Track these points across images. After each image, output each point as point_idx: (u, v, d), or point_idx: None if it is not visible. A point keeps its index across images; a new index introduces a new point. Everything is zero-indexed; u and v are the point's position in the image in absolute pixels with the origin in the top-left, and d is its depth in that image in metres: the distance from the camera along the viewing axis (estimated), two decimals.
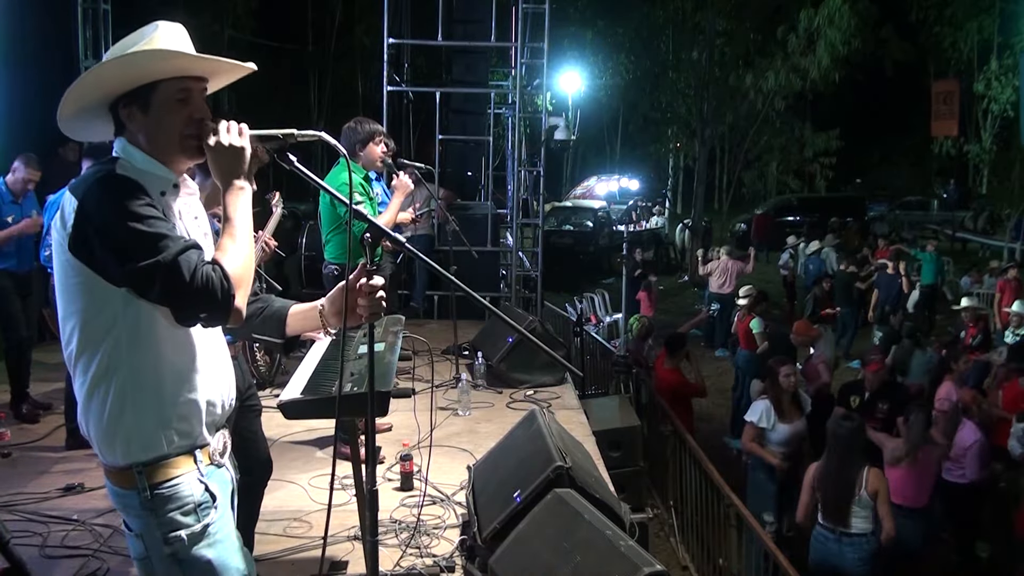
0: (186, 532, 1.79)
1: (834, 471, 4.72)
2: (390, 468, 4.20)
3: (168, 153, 1.84)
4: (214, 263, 1.71)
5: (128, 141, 1.83)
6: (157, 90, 1.80)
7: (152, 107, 1.81)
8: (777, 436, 5.75)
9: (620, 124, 29.20)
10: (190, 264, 1.67)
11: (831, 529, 4.71)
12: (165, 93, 1.81)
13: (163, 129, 1.82)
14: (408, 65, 10.28)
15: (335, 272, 4.71)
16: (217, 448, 1.91)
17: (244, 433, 3.03)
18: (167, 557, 1.80)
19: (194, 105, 1.84)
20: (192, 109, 1.84)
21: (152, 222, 1.69)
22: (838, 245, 14.97)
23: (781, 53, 17.71)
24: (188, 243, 1.72)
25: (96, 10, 7.70)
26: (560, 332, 9.17)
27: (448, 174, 9.58)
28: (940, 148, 22.28)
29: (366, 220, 2.06)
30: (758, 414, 5.82)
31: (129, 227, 1.66)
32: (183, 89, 1.82)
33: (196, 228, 1.93)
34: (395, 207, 4.70)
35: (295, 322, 2.18)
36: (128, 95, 1.80)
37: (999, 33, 20.40)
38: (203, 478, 1.84)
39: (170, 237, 1.69)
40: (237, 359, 2.96)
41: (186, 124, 1.83)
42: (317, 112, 23.90)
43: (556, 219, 19.13)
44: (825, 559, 4.74)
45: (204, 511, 1.83)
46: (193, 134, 1.83)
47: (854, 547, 4.64)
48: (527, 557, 2.75)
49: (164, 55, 1.79)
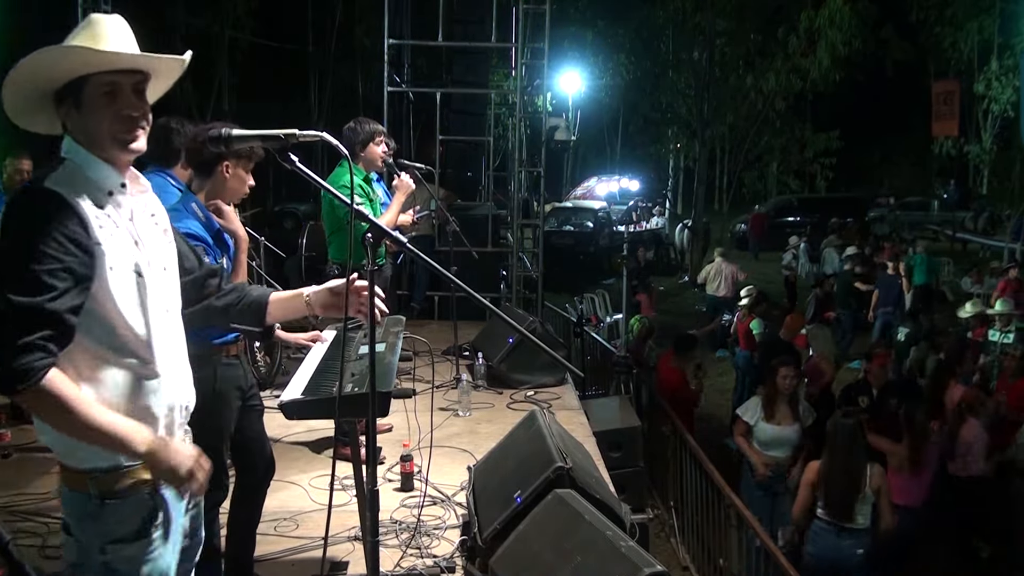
0: (125, 545, 1.75)
1: (839, 469, 4.74)
2: (390, 468, 4.20)
3: (106, 151, 1.77)
4: (50, 360, 1.61)
5: (73, 139, 1.77)
6: (87, 85, 1.73)
7: (83, 103, 1.74)
8: (761, 435, 5.71)
9: (620, 124, 29.17)
10: (32, 331, 1.58)
11: (830, 523, 4.75)
12: (93, 88, 1.73)
13: (94, 126, 1.75)
14: (409, 66, 10.27)
15: (336, 272, 4.71)
16: None
17: (247, 432, 3.02)
18: (100, 566, 1.75)
19: (123, 101, 1.76)
20: (120, 105, 1.76)
21: (48, 263, 1.61)
22: (841, 246, 15.00)
23: (781, 53, 17.73)
24: (56, 316, 1.62)
25: (96, 10, 7.72)
26: (560, 332, 9.16)
27: (448, 175, 9.58)
28: (940, 148, 22.31)
29: (368, 220, 2.06)
30: (746, 408, 5.85)
31: (20, 260, 1.60)
32: (110, 83, 1.74)
33: (153, 227, 1.89)
34: (396, 207, 4.70)
35: (277, 309, 2.16)
36: (62, 90, 1.74)
37: (999, 33, 20.42)
38: (158, 491, 1.80)
39: (52, 295, 1.61)
40: (239, 359, 2.97)
41: (114, 121, 1.75)
42: (317, 113, 23.86)
43: (557, 219, 19.13)
44: (823, 551, 4.80)
45: (148, 526, 1.79)
46: (123, 132, 1.76)
47: (853, 540, 4.70)
48: (527, 558, 2.75)
49: (65, 52, 1.71)
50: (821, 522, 4.82)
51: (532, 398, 5.54)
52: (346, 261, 4.67)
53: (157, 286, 1.84)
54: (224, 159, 2.83)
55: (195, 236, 2.77)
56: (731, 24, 18.42)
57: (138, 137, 1.79)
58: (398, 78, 9.28)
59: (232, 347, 2.92)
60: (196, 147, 2.89)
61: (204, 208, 2.84)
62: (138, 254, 1.80)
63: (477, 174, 10.96)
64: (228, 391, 2.88)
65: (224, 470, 2.96)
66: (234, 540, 3.06)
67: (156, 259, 1.86)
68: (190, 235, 2.76)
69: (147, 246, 1.84)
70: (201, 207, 2.84)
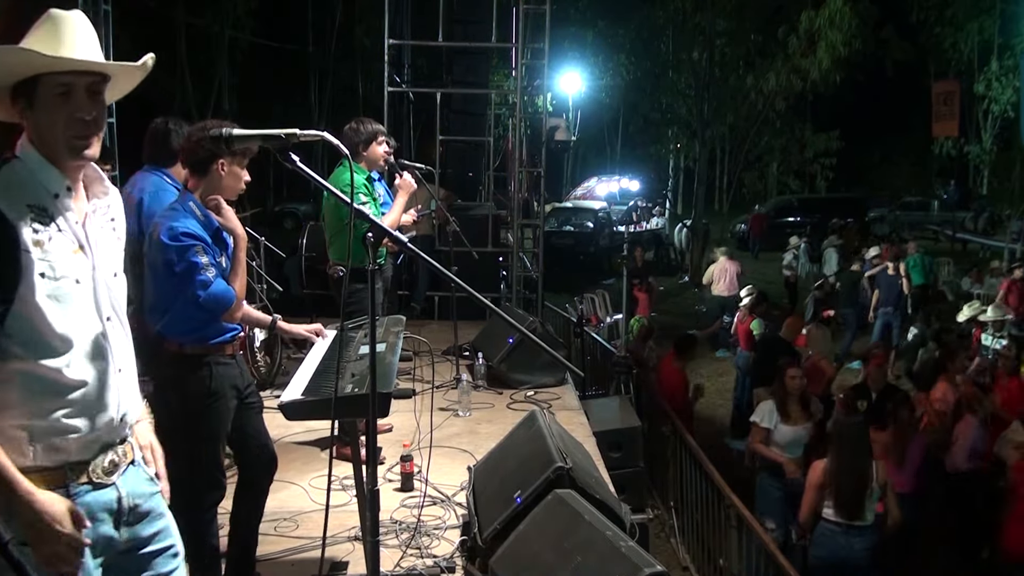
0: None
1: (847, 467, 4.74)
2: (390, 468, 4.20)
3: (56, 153, 1.73)
4: None
5: (27, 139, 1.73)
6: (39, 85, 1.69)
7: (36, 103, 1.70)
8: (780, 438, 5.71)
9: (620, 125, 29.21)
10: None
11: (838, 523, 4.74)
12: (45, 88, 1.69)
13: (46, 127, 1.71)
14: (409, 66, 10.27)
15: (339, 273, 4.70)
16: (100, 465, 1.80)
17: (246, 430, 3.03)
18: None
19: (76, 103, 1.71)
20: (73, 107, 1.71)
21: None
22: (841, 246, 15.01)
23: (782, 54, 17.72)
24: None
25: (96, 10, 7.70)
26: (560, 333, 9.16)
27: (449, 175, 9.58)
28: (940, 149, 22.33)
29: (369, 220, 2.06)
30: (762, 414, 5.82)
31: None
32: (63, 84, 1.69)
33: (109, 232, 1.86)
34: (399, 207, 4.68)
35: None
36: (16, 88, 1.71)
37: (999, 34, 20.43)
38: (71, 499, 1.73)
39: None
40: (235, 358, 2.97)
41: (67, 125, 1.70)
42: (318, 113, 23.88)
43: (557, 220, 19.16)
44: (833, 553, 4.76)
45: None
46: (77, 136, 1.71)
47: (862, 538, 4.69)
48: (527, 558, 2.75)
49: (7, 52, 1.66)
50: (829, 524, 4.78)
51: (532, 398, 5.54)
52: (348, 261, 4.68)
53: (103, 292, 1.81)
54: (219, 157, 2.83)
55: (193, 235, 2.77)
56: (731, 24, 18.42)
57: (91, 144, 1.74)
58: (398, 78, 9.29)
59: (228, 346, 2.93)
60: (191, 146, 2.89)
61: (202, 207, 2.85)
62: (82, 260, 1.76)
63: (477, 174, 10.96)
64: (224, 390, 2.88)
65: (221, 469, 2.96)
66: (235, 539, 3.06)
67: (106, 264, 1.83)
68: (188, 234, 2.77)
69: (96, 251, 1.80)
70: (199, 206, 2.85)
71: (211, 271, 2.78)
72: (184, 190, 2.95)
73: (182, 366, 2.86)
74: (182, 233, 2.75)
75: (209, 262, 2.78)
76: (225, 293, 2.81)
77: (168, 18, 17.56)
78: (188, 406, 2.85)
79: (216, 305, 2.80)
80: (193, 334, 2.85)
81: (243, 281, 2.94)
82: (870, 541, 4.71)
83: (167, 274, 2.79)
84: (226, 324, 2.90)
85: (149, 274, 2.89)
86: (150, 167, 3.65)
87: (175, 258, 2.75)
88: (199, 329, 2.85)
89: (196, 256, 2.75)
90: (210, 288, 2.76)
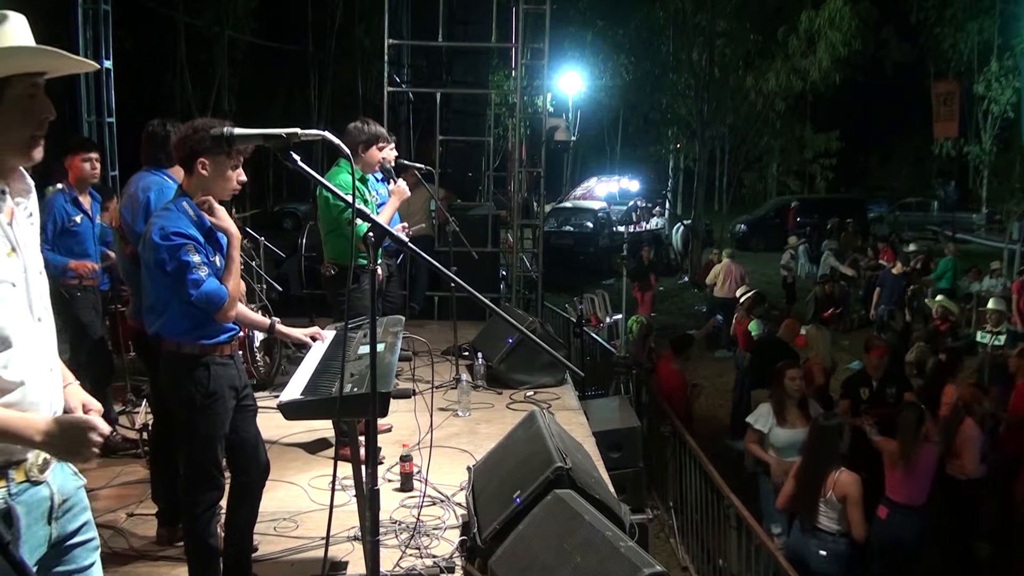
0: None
1: (805, 467, 4.83)
2: (390, 469, 4.20)
3: (3, 153, 1.73)
4: None
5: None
6: (8, 86, 1.69)
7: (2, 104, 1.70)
8: (776, 440, 5.68)
9: (620, 125, 29.20)
10: None
11: (802, 525, 4.85)
12: (16, 89, 1.70)
13: (9, 128, 1.71)
14: (408, 66, 10.27)
15: (332, 272, 4.71)
16: (35, 463, 1.78)
17: (241, 433, 3.02)
18: None
19: (42, 104, 1.74)
20: (41, 108, 1.73)
21: None
22: (837, 248, 15.04)
23: (781, 54, 17.73)
24: None
25: (96, 10, 7.70)
26: (560, 333, 9.17)
27: (448, 175, 9.58)
28: (940, 149, 22.29)
29: (369, 219, 2.06)
30: (757, 416, 5.81)
31: None
32: (34, 85, 1.71)
33: (29, 228, 1.84)
34: (389, 211, 4.70)
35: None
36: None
37: (999, 34, 20.40)
38: (9, 499, 1.72)
39: None
40: (232, 358, 2.97)
41: (38, 126, 1.73)
42: (318, 113, 23.85)
43: (556, 220, 19.16)
44: (796, 547, 4.89)
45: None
46: (37, 138, 1.74)
47: (820, 542, 4.75)
48: (527, 558, 2.75)
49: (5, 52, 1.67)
50: (797, 519, 4.94)
51: (532, 398, 5.54)
52: (341, 260, 4.68)
53: (34, 293, 1.80)
54: (199, 155, 2.81)
55: (184, 234, 2.76)
56: (731, 24, 18.43)
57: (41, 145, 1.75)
58: (398, 78, 9.29)
59: (226, 347, 2.92)
60: (176, 144, 2.89)
61: (196, 207, 2.84)
62: (15, 262, 1.76)
63: (477, 174, 10.96)
64: (222, 390, 2.88)
65: (219, 469, 2.95)
66: (232, 540, 3.06)
67: (33, 264, 1.82)
68: (179, 233, 2.76)
69: (25, 251, 1.79)
70: (192, 206, 2.84)
71: (203, 270, 2.77)
72: (180, 190, 2.95)
73: (180, 366, 2.86)
74: (173, 232, 2.75)
75: (201, 261, 2.78)
76: (217, 292, 2.80)
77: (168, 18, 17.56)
78: (186, 406, 2.85)
79: (208, 304, 2.78)
80: (190, 334, 2.85)
81: (236, 280, 2.92)
82: (829, 549, 4.71)
83: (160, 274, 2.79)
84: (224, 324, 2.89)
85: (146, 275, 2.90)
86: (150, 168, 3.65)
87: (167, 257, 2.75)
88: (196, 329, 2.85)
89: (187, 255, 2.74)
90: (202, 287, 2.76)
